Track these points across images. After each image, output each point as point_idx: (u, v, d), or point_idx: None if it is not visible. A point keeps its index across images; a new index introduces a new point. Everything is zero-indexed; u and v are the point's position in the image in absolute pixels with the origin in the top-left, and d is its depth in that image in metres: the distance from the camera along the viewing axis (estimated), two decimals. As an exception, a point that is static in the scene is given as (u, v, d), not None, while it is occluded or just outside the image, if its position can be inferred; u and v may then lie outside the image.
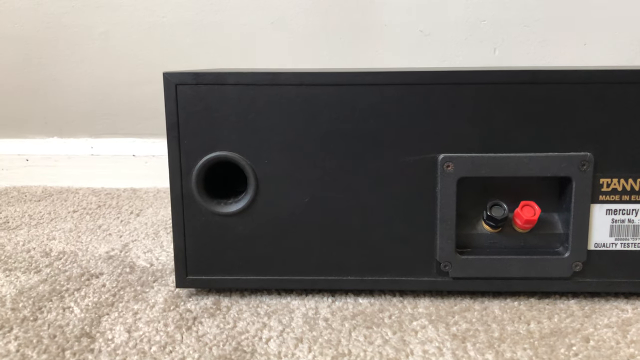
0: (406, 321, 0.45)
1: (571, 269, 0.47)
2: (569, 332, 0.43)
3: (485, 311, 0.47)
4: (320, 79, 0.45)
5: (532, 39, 0.89)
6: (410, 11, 0.88)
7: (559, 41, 0.89)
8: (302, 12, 0.88)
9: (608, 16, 0.87)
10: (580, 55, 0.89)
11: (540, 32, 0.89)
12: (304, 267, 0.49)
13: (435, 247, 0.48)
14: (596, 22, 0.87)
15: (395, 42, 0.89)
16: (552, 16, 0.88)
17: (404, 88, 0.45)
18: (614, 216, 0.47)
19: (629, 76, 0.44)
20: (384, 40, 0.90)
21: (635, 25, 0.87)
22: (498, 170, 0.46)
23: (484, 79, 0.45)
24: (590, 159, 0.46)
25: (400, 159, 0.47)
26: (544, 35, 0.89)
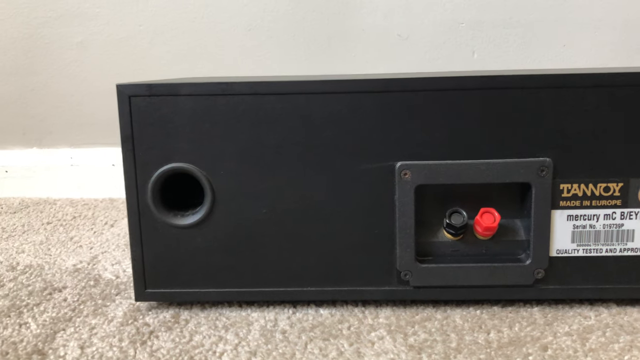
0: (364, 332, 0.45)
1: (533, 276, 0.46)
2: (528, 341, 0.43)
3: (446, 320, 0.46)
4: (274, 88, 0.45)
5: (510, 41, 0.89)
6: (387, 16, 0.88)
7: (538, 43, 0.88)
8: (279, 19, 0.87)
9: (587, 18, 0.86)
10: (559, 57, 0.89)
11: (519, 35, 0.88)
12: (263, 278, 0.48)
13: (395, 256, 0.47)
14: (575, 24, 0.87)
15: (373, 47, 0.89)
16: (530, 19, 0.87)
17: (358, 96, 0.45)
18: (575, 222, 0.46)
19: (586, 80, 0.44)
20: (362, 45, 0.89)
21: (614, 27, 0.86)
22: (456, 177, 0.45)
23: (439, 85, 0.45)
24: (549, 165, 0.45)
25: (357, 167, 0.46)
26: (522, 37, 0.88)
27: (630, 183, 0.45)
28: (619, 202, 0.46)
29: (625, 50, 0.87)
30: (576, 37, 0.87)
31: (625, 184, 0.45)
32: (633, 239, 0.46)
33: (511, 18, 0.88)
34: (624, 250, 0.46)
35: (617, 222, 0.46)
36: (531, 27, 0.88)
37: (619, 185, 0.45)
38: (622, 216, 0.46)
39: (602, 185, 0.45)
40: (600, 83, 0.44)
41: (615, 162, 0.45)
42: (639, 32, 0.86)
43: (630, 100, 0.44)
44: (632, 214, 0.46)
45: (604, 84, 0.44)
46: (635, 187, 0.45)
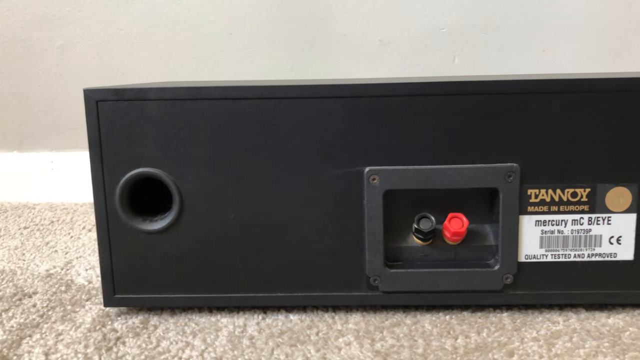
0: (332, 338, 0.45)
1: (502, 281, 0.47)
2: (495, 347, 0.43)
3: (415, 326, 0.46)
4: (243, 93, 0.45)
5: (491, 47, 0.89)
6: (368, 21, 0.88)
7: (519, 48, 0.89)
8: (261, 23, 0.87)
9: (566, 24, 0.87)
10: (539, 62, 0.89)
11: (500, 40, 0.89)
12: (233, 284, 0.48)
13: (365, 261, 0.47)
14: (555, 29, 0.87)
15: (355, 52, 0.89)
16: (510, 24, 0.88)
17: (327, 101, 0.45)
18: (544, 227, 0.46)
19: (553, 86, 0.44)
20: (343, 50, 0.89)
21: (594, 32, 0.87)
22: (424, 182, 0.45)
23: (407, 91, 0.45)
24: (517, 170, 0.45)
25: (326, 172, 0.46)
26: (503, 42, 0.89)
27: (597, 189, 0.45)
28: (587, 208, 0.46)
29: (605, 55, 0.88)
30: (556, 43, 0.88)
31: (593, 190, 0.45)
32: (600, 244, 0.46)
33: (491, 24, 0.88)
34: (592, 255, 0.46)
35: (584, 227, 0.46)
36: (511, 33, 0.88)
37: (587, 191, 0.45)
38: (590, 221, 0.46)
39: (569, 190, 0.46)
40: (565, 89, 0.44)
41: (583, 168, 0.45)
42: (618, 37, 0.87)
43: (595, 106, 0.44)
44: (600, 219, 0.46)
45: (569, 90, 0.44)
46: (603, 193, 0.45)
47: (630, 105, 0.44)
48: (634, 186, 0.45)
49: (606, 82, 0.44)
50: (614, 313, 0.47)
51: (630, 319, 0.46)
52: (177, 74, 0.90)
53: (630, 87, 0.44)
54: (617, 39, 0.87)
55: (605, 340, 0.43)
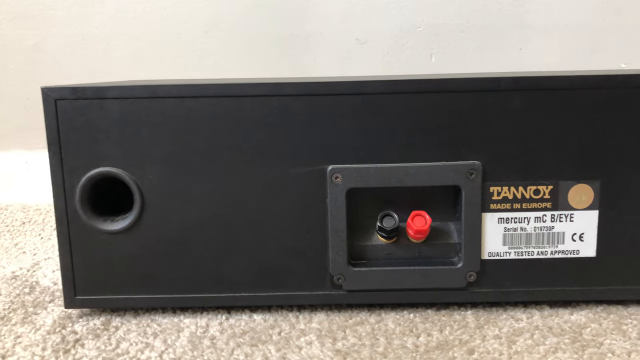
0: (294, 337, 0.44)
1: (465, 279, 0.46)
2: (456, 345, 0.43)
3: (379, 324, 0.46)
4: (202, 91, 0.44)
5: (467, 45, 0.89)
6: (345, 20, 0.88)
7: (495, 47, 0.89)
8: (237, 22, 0.87)
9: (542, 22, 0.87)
10: (516, 61, 0.89)
11: (476, 38, 0.89)
12: (195, 284, 0.47)
13: (328, 260, 0.47)
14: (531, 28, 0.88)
15: (331, 50, 0.89)
16: (487, 22, 0.88)
17: (288, 99, 0.45)
18: (506, 224, 0.46)
19: (513, 84, 0.44)
20: (320, 49, 0.89)
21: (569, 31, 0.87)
22: (386, 180, 0.45)
23: (368, 89, 0.44)
24: (479, 168, 0.45)
25: (289, 171, 0.46)
26: (480, 41, 0.89)
27: (559, 186, 0.45)
28: (549, 205, 0.46)
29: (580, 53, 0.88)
30: (532, 41, 0.88)
31: (555, 187, 0.45)
32: (563, 241, 0.46)
33: (467, 22, 0.88)
34: (555, 252, 0.46)
35: (547, 224, 0.46)
36: (487, 31, 0.88)
37: (549, 188, 0.45)
38: (553, 219, 0.46)
39: (532, 188, 0.46)
40: (526, 87, 0.44)
41: (545, 165, 0.45)
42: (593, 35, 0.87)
43: (557, 104, 0.44)
44: (562, 216, 0.46)
45: (530, 87, 0.44)
46: (565, 190, 0.45)
47: (591, 102, 0.44)
48: (596, 183, 0.45)
49: (566, 80, 0.44)
50: (577, 310, 0.47)
51: (593, 316, 0.46)
52: (153, 73, 0.89)
53: (591, 85, 0.44)
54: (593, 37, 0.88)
55: (566, 337, 0.43)
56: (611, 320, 0.46)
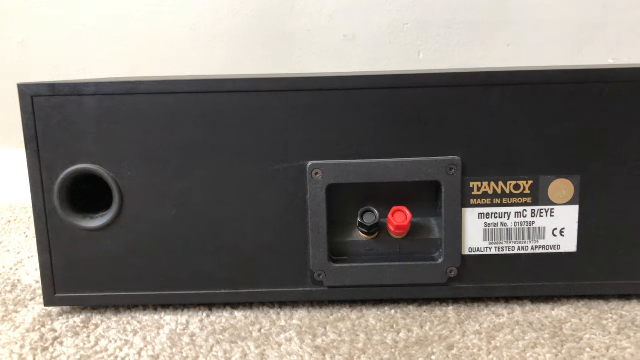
0: (274, 334, 0.44)
1: (446, 274, 0.46)
2: (435, 340, 0.42)
3: (360, 321, 0.46)
4: (180, 87, 0.44)
5: (456, 41, 0.89)
6: (332, 17, 0.87)
7: (483, 42, 0.89)
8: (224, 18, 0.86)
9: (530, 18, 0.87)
10: (504, 56, 0.89)
11: (464, 34, 0.89)
12: (176, 281, 0.47)
13: (309, 257, 0.46)
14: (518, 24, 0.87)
15: (319, 47, 0.89)
16: (474, 19, 0.88)
17: (266, 95, 0.44)
18: (487, 220, 0.46)
19: (491, 78, 0.44)
20: (308, 45, 0.89)
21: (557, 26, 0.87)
22: (366, 176, 0.45)
23: (347, 84, 0.44)
24: (458, 163, 0.45)
25: (268, 167, 0.45)
26: (467, 37, 0.89)
27: (539, 181, 0.45)
28: (530, 200, 0.46)
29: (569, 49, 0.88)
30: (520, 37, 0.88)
31: (535, 182, 0.45)
32: (544, 236, 0.46)
33: (455, 18, 0.88)
34: (536, 247, 0.46)
35: (528, 219, 0.46)
36: (475, 27, 0.88)
37: (529, 183, 0.45)
38: (533, 214, 0.46)
39: (512, 183, 0.45)
40: (505, 81, 0.44)
41: (524, 160, 0.45)
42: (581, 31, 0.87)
43: (536, 98, 0.44)
44: (543, 211, 0.46)
45: (509, 82, 0.44)
46: (545, 185, 0.45)
47: (570, 97, 0.44)
48: (576, 178, 0.45)
49: (545, 74, 0.44)
50: (558, 305, 0.47)
51: (574, 311, 0.46)
52: (139, 70, 0.89)
53: (570, 79, 0.44)
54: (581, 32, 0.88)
55: (546, 332, 0.43)
56: (592, 315, 0.46)
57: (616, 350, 0.40)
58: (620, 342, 0.41)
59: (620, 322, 0.44)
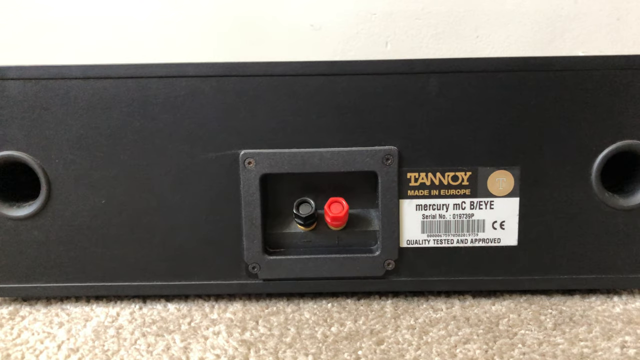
0: (203, 327, 0.43)
1: (383, 267, 0.45)
2: (366, 335, 0.41)
3: (294, 314, 0.45)
4: (107, 72, 0.43)
5: (424, 32, 0.88)
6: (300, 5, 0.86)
7: (452, 34, 0.87)
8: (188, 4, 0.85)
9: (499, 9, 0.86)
10: (473, 48, 0.88)
11: (433, 25, 0.87)
12: (107, 272, 0.46)
13: (243, 248, 0.45)
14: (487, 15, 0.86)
15: (286, 36, 0.87)
16: (443, 9, 0.86)
17: (197, 80, 0.43)
18: (425, 212, 0.45)
19: (428, 66, 0.43)
20: (274, 34, 0.87)
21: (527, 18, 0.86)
22: (301, 166, 0.44)
23: (281, 71, 0.43)
24: (395, 153, 0.44)
25: (200, 155, 0.44)
26: (436, 28, 0.87)
27: (478, 172, 0.44)
28: (468, 192, 0.44)
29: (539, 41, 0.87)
30: (489, 28, 0.87)
31: (474, 173, 0.44)
32: (484, 229, 0.45)
33: (423, 9, 0.86)
34: (475, 240, 0.45)
35: (467, 212, 0.45)
36: (444, 18, 0.87)
37: (467, 175, 0.44)
38: (472, 206, 0.45)
39: (450, 174, 0.44)
40: (443, 69, 0.42)
41: (463, 151, 0.44)
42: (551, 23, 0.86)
43: (475, 88, 0.43)
44: (482, 203, 0.45)
45: (446, 70, 0.42)
46: (484, 176, 0.44)
47: (510, 86, 0.43)
48: (515, 169, 0.44)
49: (483, 62, 0.43)
50: (500, 300, 0.46)
51: (514, 306, 0.45)
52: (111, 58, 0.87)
53: (509, 68, 0.43)
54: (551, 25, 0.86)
55: (481, 328, 0.42)
56: (531, 310, 0.45)
57: (548, 346, 0.39)
58: (554, 337, 0.40)
59: (559, 317, 0.43)
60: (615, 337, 0.40)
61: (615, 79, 0.43)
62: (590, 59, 0.42)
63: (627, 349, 0.39)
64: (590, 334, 0.41)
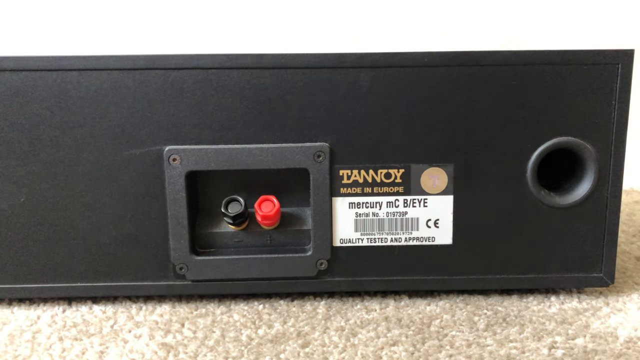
0: (125, 330, 0.41)
1: (316, 267, 0.44)
2: (292, 338, 0.40)
3: (224, 316, 0.43)
4: (24, 64, 0.41)
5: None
6: None
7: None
8: None
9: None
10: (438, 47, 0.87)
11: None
12: (29, 273, 0.44)
13: (169, 249, 0.44)
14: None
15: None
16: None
17: (117, 74, 0.41)
18: (358, 210, 0.44)
19: (359, 60, 0.41)
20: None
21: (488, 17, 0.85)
22: (228, 163, 0.42)
23: (206, 63, 0.41)
24: (326, 150, 0.42)
25: (124, 152, 0.42)
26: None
27: (411, 169, 0.43)
28: (402, 189, 0.43)
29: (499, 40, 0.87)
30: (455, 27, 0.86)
31: (407, 170, 0.43)
32: (418, 227, 0.44)
33: (383, 5, 0.86)
34: (409, 239, 0.44)
35: (400, 209, 0.44)
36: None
37: (400, 172, 0.43)
38: (406, 204, 0.44)
39: (382, 171, 0.43)
40: (372, 63, 0.41)
41: (395, 147, 0.43)
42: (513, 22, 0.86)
43: (407, 83, 0.42)
44: (416, 201, 0.44)
45: (376, 64, 0.41)
46: (417, 174, 0.43)
47: (443, 81, 0.42)
48: (449, 167, 0.43)
49: (414, 57, 0.41)
50: (436, 300, 0.45)
51: (450, 306, 0.44)
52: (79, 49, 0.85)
53: (440, 63, 0.42)
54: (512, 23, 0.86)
55: (412, 329, 0.41)
56: (466, 310, 0.44)
57: (476, 348, 0.38)
58: (484, 339, 0.39)
59: (492, 318, 0.42)
60: (546, 338, 0.39)
61: (549, 75, 0.42)
62: (522, 54, 0.42)
63: (555, 349, 0.38)
64: (521, 335, 0.40)
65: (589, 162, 0.43)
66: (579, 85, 0.42)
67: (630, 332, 0.40)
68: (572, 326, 0.41)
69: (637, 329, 0.41)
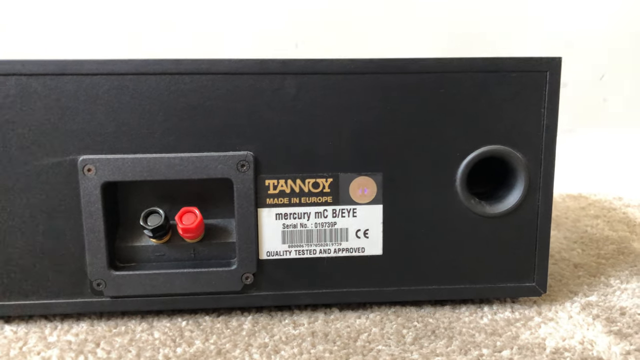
0: (35, 352, 0.39)
1: (241, 281, 0.42)
2: (211, 356, 0.38)
3: (142, 334, 0.41)
4: None
5: (334, 36, 0.86)
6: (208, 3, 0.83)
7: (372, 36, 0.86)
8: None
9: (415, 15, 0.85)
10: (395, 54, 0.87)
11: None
12: None
13: (86, 264, 0.41)
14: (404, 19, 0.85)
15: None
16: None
17: (27, 79, 0.39)
18: (285, 221, 0.42)
19: (284, 67, 0.40)
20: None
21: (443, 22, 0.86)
22: (146, 173, 0.40)
23: (122, 69, 0.39)
24: (250, 159, 0.41)
25: (34, 162, 0.40)
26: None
27: (339, 178, 0.42)
28: (330, 199, 0.42)
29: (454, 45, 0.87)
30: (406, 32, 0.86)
31: (335, 179, 0.42)
32: (347, 238, 0.43)
33: (332, 11, 0.85)
34: (339, 250, 0.43)
35: (329, 220, 0.42)
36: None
37: (329, 181, 0.42)
38: (334, 214, 0.42)
39: (310, 180, 0.42)
40: (297, 70, 0.40)
41: (323, 156, 0.41)
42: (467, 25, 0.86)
43: (332, 89, 0.41)
44: (345, 211, 0.42)
45: (301, 71, 0.40)
46: (346, 183, 0.42)
47: (370, 89, 0.41)
48: (378, 176, 0.42)
49: (340, 64, 0.40)
50: (367, 312, 0.44)
51: (380, 319, 0.43)
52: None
53: (367, 70, 0.41)
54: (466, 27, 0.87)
55: (337, 344, 0.40)
56: (396, 323, 0.43)
57: (401, 363, 0.37)
58: (409, 353, 0.38)
59: (422, 330, 0.41)
60: (473, 351, 0.39)
61: (478, 82, 0.42)
62: (449, 61, 0.41)
63: (480, 363, 0.37)
64: (447, 348, 0.39)
65: (519, 170, 0.43)
66: (507, 93, 0.42)
67: (558, 342, 0.40)
68: (501, 337, 0.40)
69: (566, 338, 0.40)
